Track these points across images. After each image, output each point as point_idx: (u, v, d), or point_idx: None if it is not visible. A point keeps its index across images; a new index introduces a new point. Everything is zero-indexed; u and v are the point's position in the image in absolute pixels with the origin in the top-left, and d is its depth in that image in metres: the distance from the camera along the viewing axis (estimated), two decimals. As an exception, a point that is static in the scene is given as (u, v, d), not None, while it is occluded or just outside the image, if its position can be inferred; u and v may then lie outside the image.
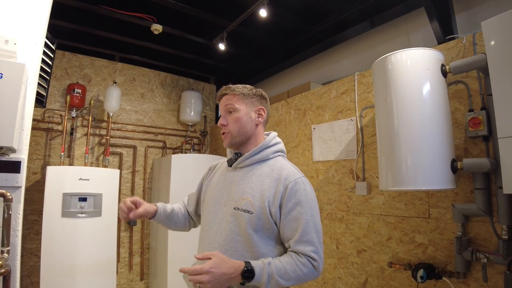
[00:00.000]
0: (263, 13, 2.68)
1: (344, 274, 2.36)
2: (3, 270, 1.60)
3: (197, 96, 4.31)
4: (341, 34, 3.04)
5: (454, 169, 1.63)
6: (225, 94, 1.37)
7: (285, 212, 1.20)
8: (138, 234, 3.94)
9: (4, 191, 1.67)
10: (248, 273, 1.08)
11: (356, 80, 2.42)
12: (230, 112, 1.33)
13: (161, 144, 4.20)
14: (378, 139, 1.85)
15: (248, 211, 1.20)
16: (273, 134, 1.43)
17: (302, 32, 3.22)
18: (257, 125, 1.37)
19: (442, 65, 1.70)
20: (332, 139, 2.54)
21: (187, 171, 3.40)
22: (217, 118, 4.89)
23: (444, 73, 1.70)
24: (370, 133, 2.28)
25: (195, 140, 4.42)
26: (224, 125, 1.33)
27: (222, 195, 1.33)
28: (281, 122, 3.19)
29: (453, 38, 1.96)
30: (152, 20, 3.15)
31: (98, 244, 3.03)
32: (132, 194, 3.92)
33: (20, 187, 1.79)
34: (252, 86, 1.41)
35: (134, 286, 3.89)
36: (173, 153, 4.10)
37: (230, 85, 1.38)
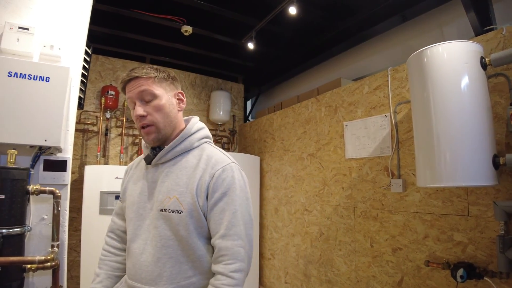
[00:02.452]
0: (292, 10, 2.68)
1: (379, 272, 2.33)
2: (53, 263, 1.70)
3: (226, 95, 4.37)
4: (371, 29, 2.99)
5: (496, 165, 1.56)
6: (135, 77, 1.09)
7: (211, 203, 1.06)
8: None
9: (54, 189, 1.77)
10: None
11: (389, 75, 2.37)
12: (148, 100, 1.09)
13: (192, 143, 4.27)
14: (414, 135, 1.81)
15: (177, 211, 1.05)
16: (195, 118, 1.24)
17: (331, 28, 3.18)
18: (178, 111, 1.18)
19: (482, 58, 1.63)
20: (366, 136, 2.50)
21: (218, 170, 3.45)
22: (245, 117, 4.92)
23: (484, 65, 1.63)
24: (405, 129, 2.23)
25: (225, 139, 4.48)
26: (143, 116, 1.09)
27: (145, 198, 1.14)
28: (311, 120, 3.17)
29: (491, 29, 1.88)
30: (182, 22, 3.22)
31: (134, 240, 3.13)
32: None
33: (67, 185, 1.89)
34: (161, 67, 1.18)
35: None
36: (204, 152, 4.15)
37: (138, 67, 1.12)
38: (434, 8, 2.54)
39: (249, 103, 5.17)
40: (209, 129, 4.17)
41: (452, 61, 1.62)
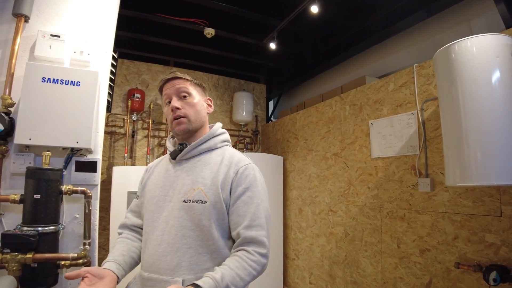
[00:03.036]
0: (314, 9, 2.67)
1: (406, 274, 2.27)
2: (85, 260, 1.77)
3: (248, 96, 4.39)
4: (395, 26, 2.92)
5: (531, 162, 1.50)
6: (177, 77, 1.26)
7: (234, 197, 1.14)
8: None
9: (85, 189, 1.84)
10: None
11: (415, 72, 2.31)
12: (184, 96, 1.24)
13: (215, 144, 4.33)
14: (443, 132, 1.76)
15: (201, 201, 1.11)
16: (219, 124, 1.36)
17: (354, 26, 3.15)
18: (207, 113, 1.32)
19: (514, 51, 1.57)
20: (392, 134, 2.45)
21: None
22: (268, 117, 4.93)
23: (516, 59, 1.57)
24: (433, 126, 2.17)
25: (248, 140, 4.50)
26: (178, 108, 1.21)
27: (166, 191, 1.21)
28: (335, 119, 3.14)
29: (524, 21, 1.80)
30: (204, 24, 3.26)
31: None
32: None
33: (97, 185, 1.96)
34: None
35: (193, 281, 4.05)
36: (227, 153, 4.20)
37: (178, 72, 1.29)
38: (461, 1, 2.45)
39: (271, 104, 5.17)
40: (232, 130, 4.25)
41: (482, 55, 1.57)
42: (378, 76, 3.14)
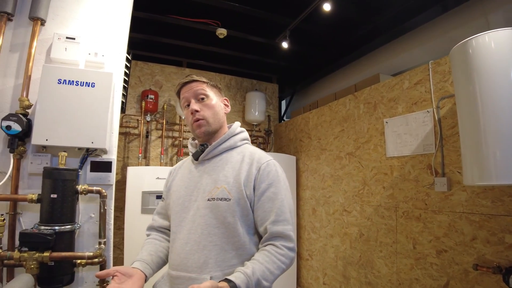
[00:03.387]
0: (326, 7, 2.65)
1: (422, 275, 2.23)
2: (101, 259, 1.80)
3: (261, 96, 4.39)
4: (409, 22, 2.87)
5: (554, 161, 1.45)
6: (193, 80, 1.29)
7: (258, 193, 1.16)
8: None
9: (100, 189, 1.87)
10: None
11: (430, 69, 2.26)
12: (202, 99, 1.27)
13: (228, 144, 4.34)
14: (460, 130, 1.71)
15: (225, 199, 1.14)
16: (237, 123, 1.38)
17: (367, 23, 3.11)
18: (224, 114, 1.35)
19: (535, 46, 1.52)
20: (407, 133, 2.41)
21: (254, 169, 3.48)
22: (280, 117, 4.92)
23: (537, 54, 1.52)
24: (449, 125, 2.12)
25: (260, 139, 4.50)
26: (197, 111, 1.24)
27: (191, 191, 1.24)
28: (349, 118, 3.10)
29: (546, 15, 1.74)
30: (216, 25, 3.27)
31: (175, 239, 3.22)
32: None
33: (112, 185, 1.99)
34: None
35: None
36: (240, 152, 4.21)
37: (194, 75, 1.32)
38: (477, -4, 2.40)
39: (283, 103, 5.15)
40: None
41: (500, 50, 1.52)
42: (392, 73, 3.09)
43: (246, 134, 1.36)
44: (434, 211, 2.18)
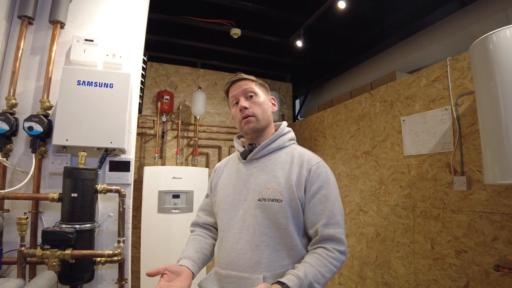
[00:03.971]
0: (341, 4, 2.63)
1: (441, 276, 2.19)
2: (120, 258, 1.83)
3: (275, 95, 4.37)
4: (426, 18, 2.83)
5: None
6: (242, 79, 1.31)
7: (309, 195, 1.15)
8: (225, 230, 4.14)
9: (119, 188, 1.91)
10: None
11: (448, 66, 2.22)
12: (251, 96, 1.28)
13: (242, 143, 4.36)
14: (480, 128, 1.68)
15: (276, 200, 1.14)
16: (285, 122, 1.38)
17: (382, 20, 3.07)
18: (272, 112, 1.34)
19: (559, 40, 1.47)
20: (425, 131, 2.37)
21: (269, 169, 3.48)
22: (294, 116, 4.90)
23: (562, 48, 1.47)
24: (468, 122, 2.08)
25: (275, 139, 4.49)
26: (246, 108, 1.25)
27: (239, 190, 1.25)
28: (365, 116, 3.07)
29: None
30: (230, 25, 3.29)
31: (190, 238, 3.25)
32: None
33: (130, 184, 2.02)
34: None
35: (222, 279, 4.09)
36: (254, 152, 4.22)
37: (242, 73, 1.33)
38: (496, -10, 2.34)
39: (297, 102, 5.13)
40: (259, 129, 4.17)
41: (523, 46, 1.48)
42: (409, 71, 3.05)
43: (293, 134, 1.36)
44: (453, 211, 2.13)
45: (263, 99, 1.29)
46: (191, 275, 1.13)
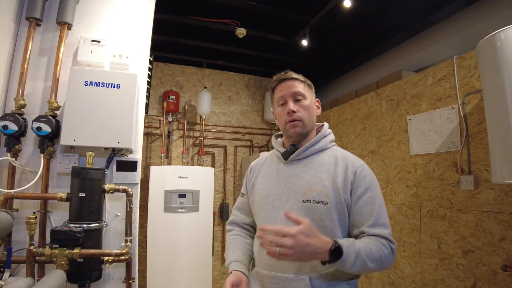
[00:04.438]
0: (347, 3, 2.62)
1: (448, 276, 2.18)
2: (127, 257, 1.84)
3: (280, 94, 4.37)
4: (432, 16, 2.81)
5: None
6: (291, 78, 1.27)
7: (355, 198, 1.15)
8: (230, 229, 4.15)
9: (126, 187, 1.92)
10: (336, 251, 0.98)
11: (455, 64, 2.21)
12: (299, 99, 1.25)
13: (248, 143, 4.37)
14: (488, 127, 1.66)
15: (322, 202, 1.13)
16: (326, 123, 1.37)
17: (388, 18, 3.05)
18: (316, 116, 1.33)
19: None
20: (431, 130, 2.35)
21: (274, 168, 3.48)
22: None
23: None
24: (475, 121, 2.06)
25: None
26: (294, 111, 1.22)
27: (280, 190, 1.23)
28: (371, 115, 3.06)
29: None
30: (236, 25, 3.29)
31: (196, 237, 3.26)
32: (224, 190, 4.15)
33: (137, 184, 2.04)
34: None
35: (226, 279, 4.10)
36: (260, 151, 4.23)
37: (290, 72, 1.29)
38: (504, -14, 2.32)
39: (303, 101, 5.12)
40: (264, 129, 4.23)
41: (531, 44, 1.47)
42: (415, 70, 3.03)
43: (333, 136, 1.34)
44: (460, 210, 2.12)
45: (310, 102, 1.27)
46: (248, 280, 1.19)
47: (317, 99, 1.36)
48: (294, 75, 1.28)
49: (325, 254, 0.98)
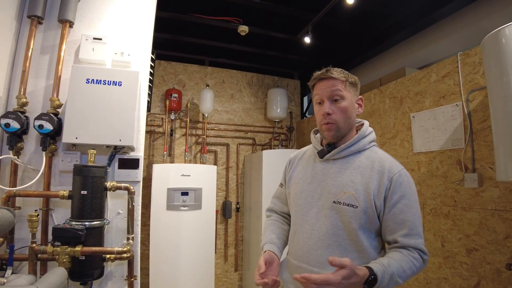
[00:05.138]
0: (350, 0, 2.59)
1: (451, 274, 2.16)
2: (129, 255, 1.84)
3: (283, 92, 4.36)
4: (436, 13, 2.78)
5: None
6: (330, 77, 1.22)
7: (390, 205, 1.13)
8: (233, 227, 4.15)
9: (128, 185, 1.92)
10: (372, 281, 0.99)
11: (459, 61, 2.18)
12: (336, 100, 1.20)
13: (250, 141, 4.36)
14: (493, 124, 1.65)
15: (352, 205, 1.13)
16: (367, 122, 1.32)
17: (392, 15, 3.03)
18: (356, 115, 1.28)
19: None
20: (435, 127, 2.33)
21: (277, 166, 3.48)
22: (302, 113, 4.88)
23: None
24: (480, 118, 2.04)
25: (283, 136, 4.48)
26: (329, 114, 1.19)
27: (314, 187, 1.25)
28: (374, 112, 3.04)
29: None
30: (238, 22, 3.27)
31: (199, 235, 3.27)
32: (227, 188, 4.15)
33: (139, 181, 2.04)
34: (350, 73, 1.28)
35: (229, 277, 4.11)
36: (262, 149, 4.22)
37: (333, 69, 1.24)
38: (509, -18, 2.29)
39: (305, 99, 5.10)
40: (267, 127, 4.21)
41: (537, 40, 1.45)
42: (418, 67, 3.01)
43: (374, 135, 1.30)
44: (464, 208, 2.10)
45: (348, 103, 1.22)
46: (279, 262, 1.24)
47: (360, 97, 1.31)
48: (335, 74, 1.22)
49: (360, 285, 0.98)
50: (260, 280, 1.09)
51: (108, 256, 1.85)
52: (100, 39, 2.04)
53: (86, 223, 1.77)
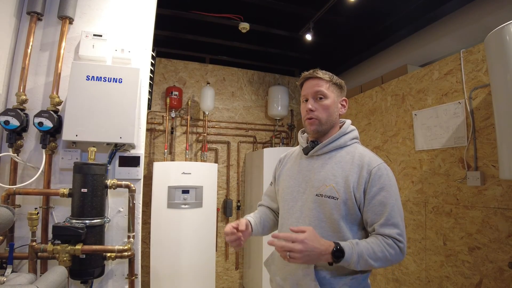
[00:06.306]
0: (352, -3, 2.57)
1: (453, 273, 2.15)
2: (130, 253, 1.83)
3: (283, 90, 4.34)
4: (438, 10, 2.76)
5: None
6: (315, 77, 1.33)
7: (369, 197, 1.20)
8: (234, 225, 4.14)
9: (129, 183, 1.91)
10: (338, 252, 1.09)
11: (462, 58, 2.17)
12: (320, 98, 1.31)
13: (251, 139, 4.35)
14: (496, 122, 1.63)
15: (333, 197, 1.21)
16: (348, 121, 1.41)
17: (394, 12, 3.01)
18: (339, 115, 1.37)
19: None
20: (437, 125, 2.32)
21: (278, 164, 3.46)
22: (303, 111, 4.86)
23: None
24: (482, 116, 2.03)
25: (283, 134, 4.47)
26: (312, 110, 1.30)
27: (299, 182, 1.34)
28: (376, 110, 3.02)
29: None
30: (239, 19, 3.26)
31: (200, 233, 3.26)
32: (228, 186, 4.14)
33: (140, 179, 2.03)
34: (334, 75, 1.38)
35: (230, 275, 4.11)
36: (263, 147, 4.22)
37: (319, 70, 1.35)
38: (513, -22, 2.27)
39: (307, 97, 5.09)
40: (268, 125, 4.20)
41: (541, 36, 1.43)
42: (420, 64, 2.99)
43: (356, 133, 1.39)
44: (466, 207, 2.09)
45: (331, 101, 1.31)
46: (250, 233, 1.35)
47: (344, 98, 1.40)
48: (320, 74, 1.33)
49: (328, 256, 1.09)
50: (231, 229, 1.24)
51: (108, 254, 1.84)
52: (100, 35, 2.03)
53: (87, 221, 1.76)
